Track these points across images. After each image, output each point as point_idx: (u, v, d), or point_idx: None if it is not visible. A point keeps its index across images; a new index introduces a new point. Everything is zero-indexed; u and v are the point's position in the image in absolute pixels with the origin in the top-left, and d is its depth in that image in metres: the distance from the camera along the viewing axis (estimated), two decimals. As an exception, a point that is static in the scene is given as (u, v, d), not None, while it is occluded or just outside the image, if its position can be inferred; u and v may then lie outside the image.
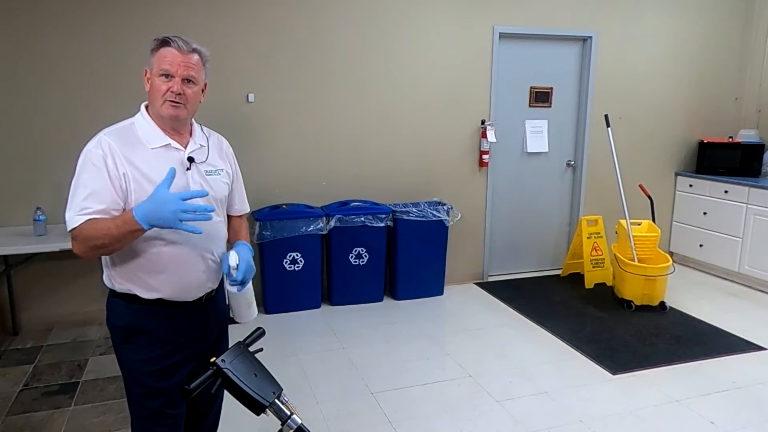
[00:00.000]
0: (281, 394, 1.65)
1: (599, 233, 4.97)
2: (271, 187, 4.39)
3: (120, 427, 2.79)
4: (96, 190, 1.61)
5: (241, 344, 1.69)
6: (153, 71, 1.70)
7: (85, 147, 1.68)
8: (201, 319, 1.83)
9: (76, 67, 3.83)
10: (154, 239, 1.68)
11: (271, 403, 1.60)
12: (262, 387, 1.60)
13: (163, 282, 1.71)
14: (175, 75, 1.68)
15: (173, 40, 1.69)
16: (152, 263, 1.70)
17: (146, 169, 1.66)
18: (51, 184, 3.86)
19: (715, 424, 2.88)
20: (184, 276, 1.74)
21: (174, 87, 1.68)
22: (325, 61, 4.37)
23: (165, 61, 1.67)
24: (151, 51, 1.71)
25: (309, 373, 3.38)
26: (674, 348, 3.75)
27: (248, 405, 1.60)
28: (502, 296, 4.72)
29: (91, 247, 1.59)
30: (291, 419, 1.62)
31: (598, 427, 2.85)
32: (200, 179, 1.76)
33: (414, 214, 4.45)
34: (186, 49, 1.69)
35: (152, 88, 1.70)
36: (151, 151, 1.69)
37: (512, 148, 5.11)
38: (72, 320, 4.04)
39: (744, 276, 5.00)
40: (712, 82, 5.56)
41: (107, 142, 1.65)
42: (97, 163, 1.62)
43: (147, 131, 1.71)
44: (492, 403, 3.08)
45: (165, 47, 1.69)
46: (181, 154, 1.74)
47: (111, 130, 1.71)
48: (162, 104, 1.68)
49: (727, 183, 5.08)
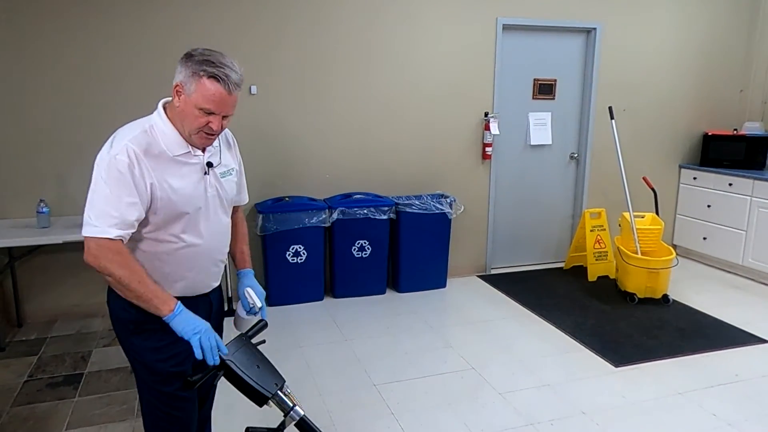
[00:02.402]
0: (284, 386, 1.65)
1: (602, 226, 4.96)
2: (274, 179, 4.38)
3: (124, 418, 2.81)
4: (125, 202, 1.57)
5: (244, 336, 1.70)
6: (191, 98, 1.59)
7: (106, 151, 1.60)
8: (205, 308, 1.85)
9: (78, 60, 3.82)
10: (176, 241, 1.69)
11: (274, 395, 1.61)
12: (264, 379, 1.61)
13: (178, 281, 1.74)
14: (217, 113, 1.62)
15: (224, 80, 1.58)
16: (170, 265, 1.71)
17: (171, 179, 1.64)
18: (54, 176, 3.87)
19: (717, 416, 2.88)
20: (197, 276, 1.78)
21: (215, 125, 1.63)
22: (329, 54, 4.35)
23: (210, 100, 1.58)
24: (192, 74, 1.58)
25: (312, 365, 3.38)
26: (677, 341, 3.74)
27: (251, 397, 1.60)
28: (505, 289, 4.72)
29: (106, 270, 1.56)
30: (293, 410, 1.62)
31: (600, 419, 2.85)
32: (215, 182, 1.76)
33: (417, 206, 4.44)
34: (234, 92, 1.61)
35: (186, 112, 1.62)
36: (174, 158, 1.66)
37: (515, 141, 5.09)
38: (76, 312, 4.05)
39: (748, 269, 4.98)
40: (717, 73, 5.53)
41: (132, 150, 1.58)
42: (124, 172, 1.56)
43: (168, 138, 1.66)
44: (494, 395, 3.08)
45: (213, 82, 1.57)
46: (200, 159, 1.72)
47: (133, 136, 1.61)
48: (196, 134, 1.65)
49: (732, 176, 5.05)
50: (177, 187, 1.64)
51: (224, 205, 1.81)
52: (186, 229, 1.69)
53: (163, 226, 1.66)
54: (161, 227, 1.66)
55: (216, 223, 1.78)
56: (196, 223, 1.71)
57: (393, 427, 2.78)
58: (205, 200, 1.73)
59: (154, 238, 1.67)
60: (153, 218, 1.64)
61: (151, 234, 1.67)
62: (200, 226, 1.73)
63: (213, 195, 1.75)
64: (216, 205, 1.77)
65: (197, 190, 1.69)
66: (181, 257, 1.71)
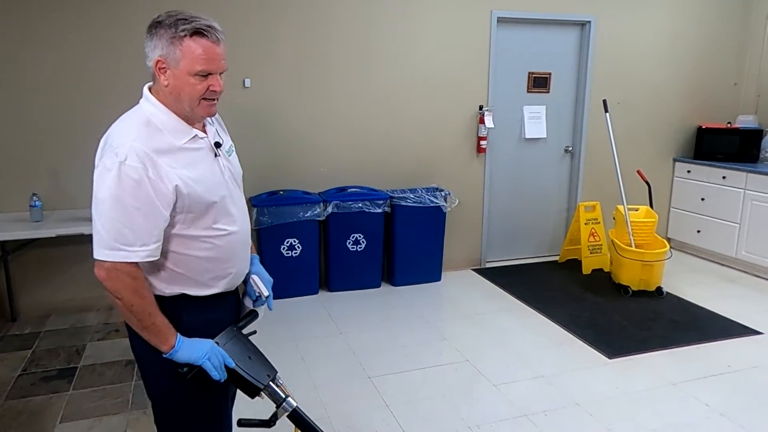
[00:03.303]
0: (276, 377, 1.64)
1: (597, 219, 4.97)
2: (269, 173, 4.37)
3: (118, 411, 2.80)
4: (146, 217, 1.40)
5: (235, 327, 1.66)
6: (180, 68, 1.42)
7: (109, 158, 1.39)
8: (234, 302, 1.76)
9: (72, 53, 3.79)
10: (214, 234, 1.55)
11: (266, 386, 1.60)
12: (256, 370, 1.59)
13: (225, 277, 1.62)
14: (214, 72, 1.47)
15: (207, 31, 1.42)
16: (214, 261, 1.57)
17: (190, 171, 1.48)
18: (47, 170, 3.85)
19: (709, 406, 2.90)
20: (240, 264, 1.66)
21: (216, 85, 1.48)
22: (323, 47, 4.34)
23: (203, 60, 1.42)
24: (171, 40, 1.41)
25: (307, 359, 3.39)
26: (670, 332, 3.76)
27: (243, 388, 1.59)
28: (500, 282, 4.73)
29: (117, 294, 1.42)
30: (286, 402, 1.61)
31: (593, 409, 2.87)
32: (227, 163, 1.63)
33: (411, 200, 4.44)
34: (222, 41, 1.46)
35: (180, 85, 1.45)
36: (182, 148, 1.49)
37: (510, 134, 5.09)
38: (70, 306, 4.04)
39: (741, 261, 5.01)
40: (711, 67, 5.54)
41: (142, 151, 1.39)
42: (138, 180, 1.38)
43: (169, 125, 1.48)
44: (489, 387, 3.09)
45: (197, 39, 1.42)
46: (206, 142, 1.57)
47: (137, 134, 1.42)
48: (198, 104, 1.48)
49: (725, 169, 5.07)
50: (198, 178, 1.48)
51: (239, 183, 1.68)
52: (218, 219, 1.54)
53: (193, 223, 1.51)
54: (192, 225, 1.51)
55: (241, 204, 1.65)
56: (226, 209, 1.57)
57: (388, 419, 2.79)
58: (225, 184, 1.59)
59: (188, 238, 1.52)
60: (182, 218, 1.49)
61: (184, 234, 1.51)
62: (232, 211, 1.59)
63: (229, 177, 1.62)
64: (234, 186, 1.64)
65: (215, 175, 1.55)
66: (222, 250, 1.57)
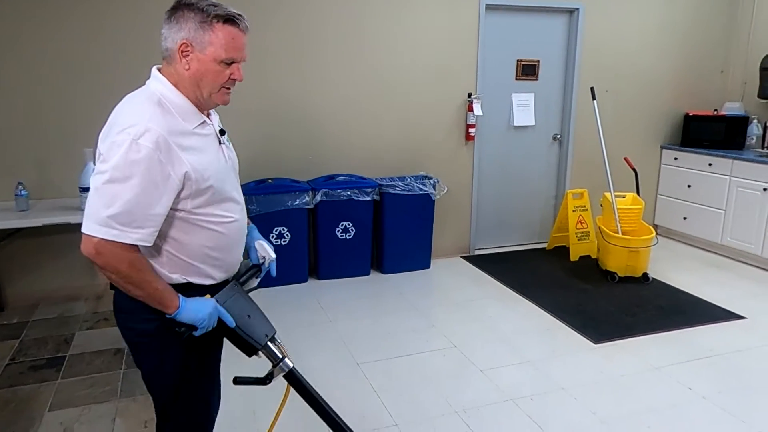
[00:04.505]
0: (274, 336, 1.63)
1: (584, 206, 5.01)
2: (257, 161, 4.36)
3: (107, 399, 2.81)
4: (151, 200, 1.37)
5: (236, 283, 1.64)
6: (207, 53, 1.43)
7: (120, 134, 1.35)
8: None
9: (59, 42, 3.74)
10: (218, 221, 1.54)
11: (264, 346, 1.59)
12: (255, 329, 1.58)
13: (222, 266, 1.60)
14: (238, 61, 1.48)
15: (239, 19, 1.44)
16: (217, 250, 1.56)
17: (198, 156, 1.46)
18: (33, 159, 3.81)
19: (692, 389, 2.95)
20: (238, 251, 1.65)
21: (237, 74, 1.50)
22: (312, 34, 4.31)
23: (233, 47, 1.45)
24: (201, 24, 1.41)
25: (296, 346, 3.40)
26: (656, 318, 3.81)
27: (241, 347, 1.58)
28: (489, 269, 4.76)
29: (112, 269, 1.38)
30: (283, 362, 1.61)
31: (578, 393, 2.91)
32: (228, 151, 1.63)
33: (400, 187, 4.45)
34: (248, 30, 1.49)
35: (204, 70, 1.45)
36: (193, 132, 1.48)
37: (499, 122, 5.10)
38: (58, 296, 4.02)
39: (726, 247, 5.07)
40: (699, 54, 5.56)
41: (157, 133, 1.36)
42: (150, 161, 1.35)
43: (180, 108, 1.46)
44: (476, 372, 3.12)
45: (229, 26, 1.43)
46: (213, 128, 1.57)
47: (151, 115, 1.39)
48: (218, 91, 1.50)
49: (711, 156, 5.11)
50: (206, 164, 1.48)
51: (237, 172, 1.69)
52: (223, 206, 1.55)
53: (197, 209, 1.49)
54: (196, 211, 1.49)
55: (239, 193, 1.65)
56: (231, 196, 1.58)
57: (376, 404, 2.81)
58: (228, 171, 1.59)
59: (190, 223, 1.49)
60: (187, 204, 1.47)
61: (186, 219, 1.49)
62: (236, 198, 1.60)
63: (231, 165, 1.63)
64: (234, 174, 1.65)
65: (220, 162, 1.55)
66: (225, 238, 1.57)
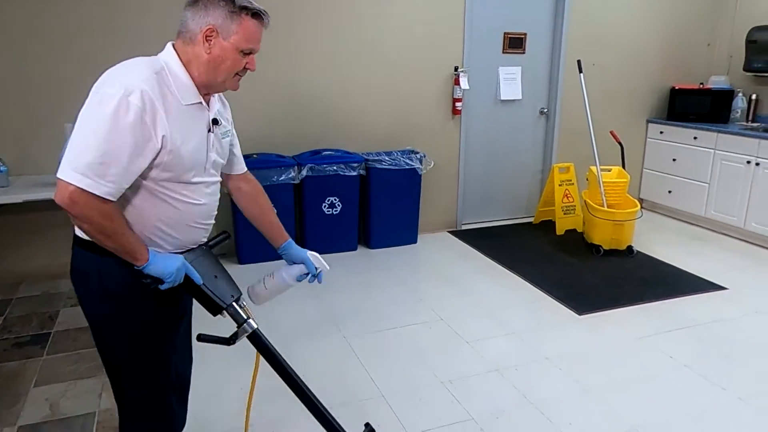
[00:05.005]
0: (240, 298, 1.68)
1: (571, 180, 5.03)
2: (242, 136, 4.28)
3: (93, 374, 2.81)
4: (127, 155, 1.39)
5: (204, 245, 1.68)
6: (231, 41, 1.51)
7: (110, 87, 1.39)
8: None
9: (42, 19, 3.65)
10: (179, 199, 1.55)
11: (228, 306, 1.63)
12: (221, 289, 1.62)
13: (171, 241, 1.60)
14: (255, 53, 1.58)
15: (265, 15, 1.55)
16: (169, 226, 1.56)
17: (181, 131, 1.49)
18: (12, 134, 3.73)
19: (673, 358, 3.00)
20: (192, 234, 1.64)
21: (252, 65, 1.59)
22: (297, 9, 4.23)
23: (255, 39, 1.54)
24: (230, 14, 1.49)
25: (283, 321, 3.41)
26: (639, 289, 3.86)
27: (206, 305, 1.62)
28: (476, 244, 4.78)
29: (84, 219, 1.39)
30: (247, 323, 1.66)
31: (562, 363, 2.95)
32: (216, 142, 1.65)
33: (387, 162, 4.43)
34: (269, 25, 1.58)
35: (223, 57, 1.52)
36: (184, 107, 1.51)
37: (486, 96, 5.07)
38: (42, 273, 3.98)
39: (709, 220, 5.13)
40: (685, 28, 5.55)
41: (147, 94, 1.40)
42: (134, 118, 1.38)
43: (182, 83, 1.51)
44: (462, 344, 3.16)
45: (255, 20, 1.53)
46: (206, 114, 1.60)
47: (146, 77, 1.43)
48: (232, 77, 1.59)
49: (697, 129, 5.14)
50: (185, 141, 1.50)
51: (219, 165, 1.70)
52: (188, 187, 1.56)
53: (164, 182, 1.51)
54: (162, 183, 1.51)
55: (214, 183, 1.67)
56: (200, 182, 1.59)
57: (362, 376, 2.83)
58: (206, 158, 1.60)
59: (152, 193, 1.51)
60: (155, 173, 1.48)
61: (150, 188, 1.50)
62: (201, 185, 1.61)
63: (213, 154, 1.63)
64: (214, 165, 1.65)
65: (201, 146, 1.57)
66: (182, 215, 1.57)
